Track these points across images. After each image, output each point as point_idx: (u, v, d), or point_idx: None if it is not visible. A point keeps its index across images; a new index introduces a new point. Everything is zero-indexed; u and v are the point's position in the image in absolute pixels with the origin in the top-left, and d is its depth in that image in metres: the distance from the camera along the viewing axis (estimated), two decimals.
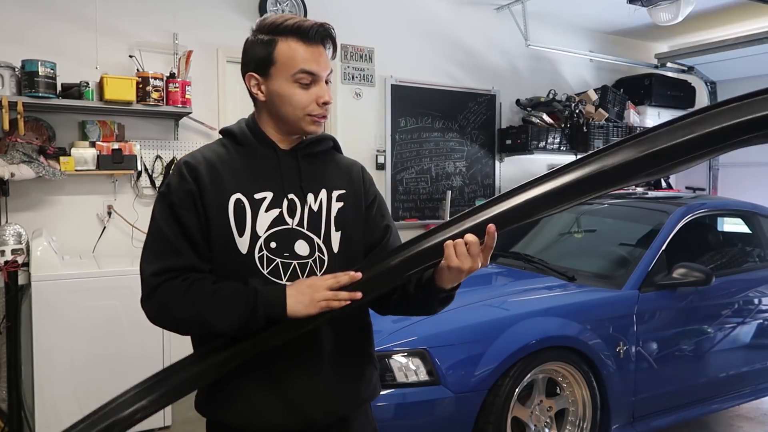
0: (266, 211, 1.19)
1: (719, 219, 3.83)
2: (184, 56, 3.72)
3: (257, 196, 1.19)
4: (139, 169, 3.67)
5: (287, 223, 1.20)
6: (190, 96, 3.66)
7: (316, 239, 1.22)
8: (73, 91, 3.35)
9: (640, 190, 4.02)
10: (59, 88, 3.32)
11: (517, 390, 2.40)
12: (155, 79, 3.52)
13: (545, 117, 5.20)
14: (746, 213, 3.55)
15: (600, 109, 5.41)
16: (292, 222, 1.20)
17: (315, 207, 1.23)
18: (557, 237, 3.63)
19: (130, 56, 3.69)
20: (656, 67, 5.93)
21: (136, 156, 3.58)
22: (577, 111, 5.26)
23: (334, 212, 1.25)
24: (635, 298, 2.73)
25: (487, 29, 5.27)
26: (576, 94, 5.52)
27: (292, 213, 1.21)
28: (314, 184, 1.25)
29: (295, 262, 1.19)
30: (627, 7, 4.53)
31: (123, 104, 3.44)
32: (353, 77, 4.67)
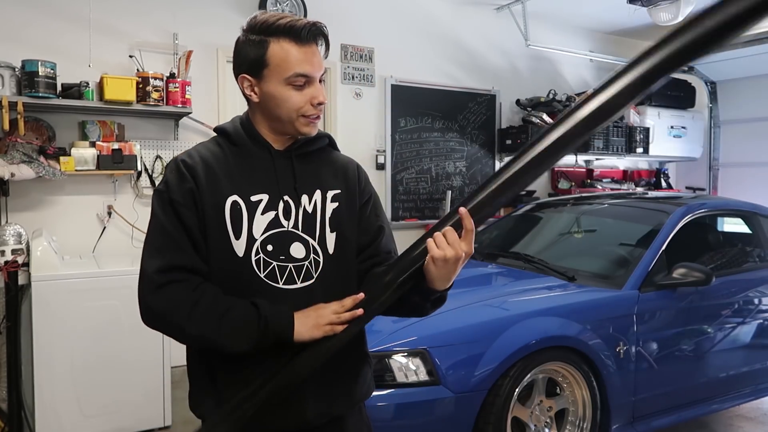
0: (262, 213, 1.19)
1: (719, 219, 3.82)
2: (184, 56, 3.72)
3: (253, 198, 1.19)
4: (139, 169, 3.67)
5: (283, 225, 1.20)
6: (190, 96, 3.67)
7: (311, 241, 1.21)
8: (73, 91, 3.35)
9: (640, 190, 4.02)
10: (59, 88, 3.32)
11: (517, 390, 2.39)
12: (155, 79, 3.52)
13: (545, 117, 5.20)
14: (746, 213, 3.54)
15: None
16: (288, 224, 1.20)
17: (309, 208, 1.22)
18: (557, 237, 3.62)
19: (130, 56, 3.69)
20: None
21: (136, 156, 3.58)
22: None
23: (328, 213, 1.24)
24: (635, 298, 2.73)
25: (487, 29, 5.27)
26: (576, 94, 5.52)
27: (287, 215, 1.20)
28: (308, 185, 1.24)
29: (291, 264, 1.19)
30: (627, 7, 4.53)
31: (123, 104, 3.44)
32: (353, 77, 4.67)
